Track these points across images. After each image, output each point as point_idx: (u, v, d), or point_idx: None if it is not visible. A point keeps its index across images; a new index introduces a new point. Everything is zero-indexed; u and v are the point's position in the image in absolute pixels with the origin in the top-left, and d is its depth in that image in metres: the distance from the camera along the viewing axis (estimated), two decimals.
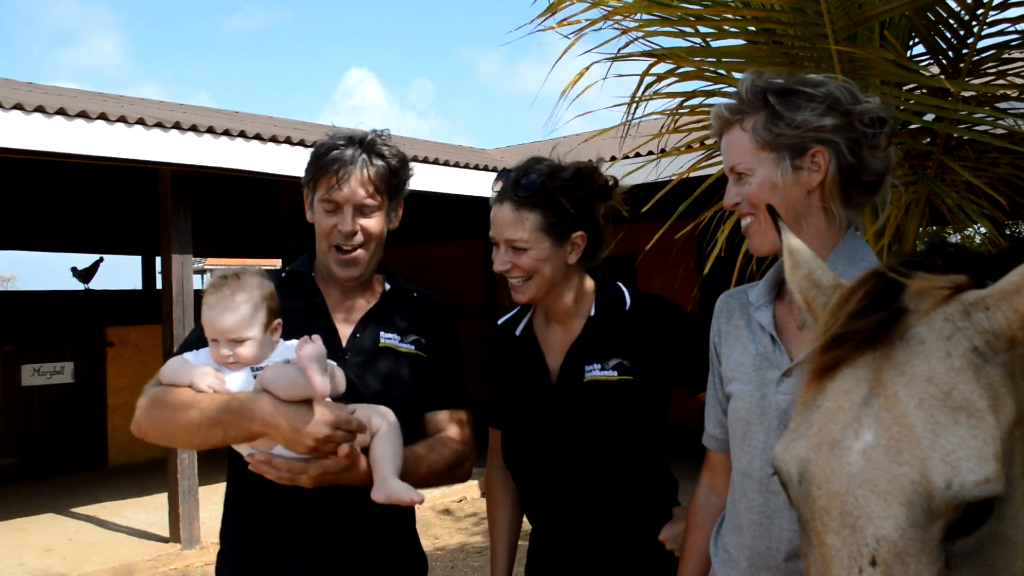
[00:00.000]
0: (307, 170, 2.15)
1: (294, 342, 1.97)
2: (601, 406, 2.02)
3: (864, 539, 0.92)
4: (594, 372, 2.04)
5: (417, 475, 2.04)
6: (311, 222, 2.18)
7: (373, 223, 2.12)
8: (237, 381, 1.94)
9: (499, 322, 2.27)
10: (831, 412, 1.00)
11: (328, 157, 2.09)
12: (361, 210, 2.09)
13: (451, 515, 8.24)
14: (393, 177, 2.15)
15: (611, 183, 2.12)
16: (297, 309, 2.11)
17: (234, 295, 1.95)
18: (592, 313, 2.09)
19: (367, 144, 2.12)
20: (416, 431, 2.16)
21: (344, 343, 2.13)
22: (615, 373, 2.03)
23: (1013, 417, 0.95)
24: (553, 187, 2.01)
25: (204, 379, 1.91)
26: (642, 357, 2.04)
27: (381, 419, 1.98)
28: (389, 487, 1.88)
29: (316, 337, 1.88)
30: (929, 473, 0.90)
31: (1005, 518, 0.94)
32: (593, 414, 2.01)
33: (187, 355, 2.02)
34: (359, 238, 2.10)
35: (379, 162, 2.11)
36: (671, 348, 2.03)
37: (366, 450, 1.96)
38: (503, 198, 2.04)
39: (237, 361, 1.95)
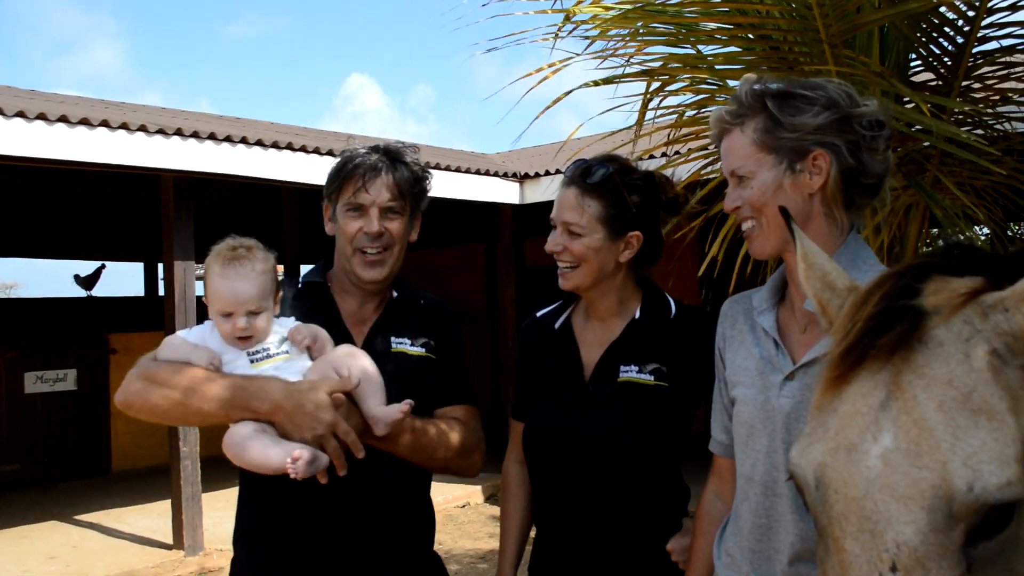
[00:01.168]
0: (329, 180, 2.19)
1: (290, 320, 2.05)
2: (632, 407, 2.01)
3: (884, 544, 0.90)
4: (630, 373, 2.04)
5: (428, 444, 2.06)
6: (331, 234, 2.21)
7: (397, 226, 2.15)
8: (293, 373, 1.97)
9: (537, 314, 2.29)
10: (848, 415, 0.99)
11: (353, 163, 2.13)
12: (386, 213, 2.12)
13: (455, 520, 8.22)
14: (416, 184, 2.19)
15: (681, 200, 2.16)
16: (315, 318, 2.13)
17: (253, 264, 1.96)
18: (636, 316, 2.10)
19: (391, 151, 2.17)
20: None
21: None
22: (651, 377, 2.02)
23: None
24: (621, 182, 2.05)
25: (202, 359, 1.93)
26: (680, 366, 2.05)
27: (352, 361, 1.99)
28: (380, 419, 1.93)
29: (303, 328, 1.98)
30: (950, 477, 0.89)
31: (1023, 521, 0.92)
32: (623, 414, 2.01)
33: (182, 333, 2.03)
34: (385, 240, 2.12)
35: (403, 168, 2.16)
36: (710, 362, 2.01)
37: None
38: (571, 183, 2.09)
39: (253, 335, 1.95)
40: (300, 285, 2.21)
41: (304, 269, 8.86)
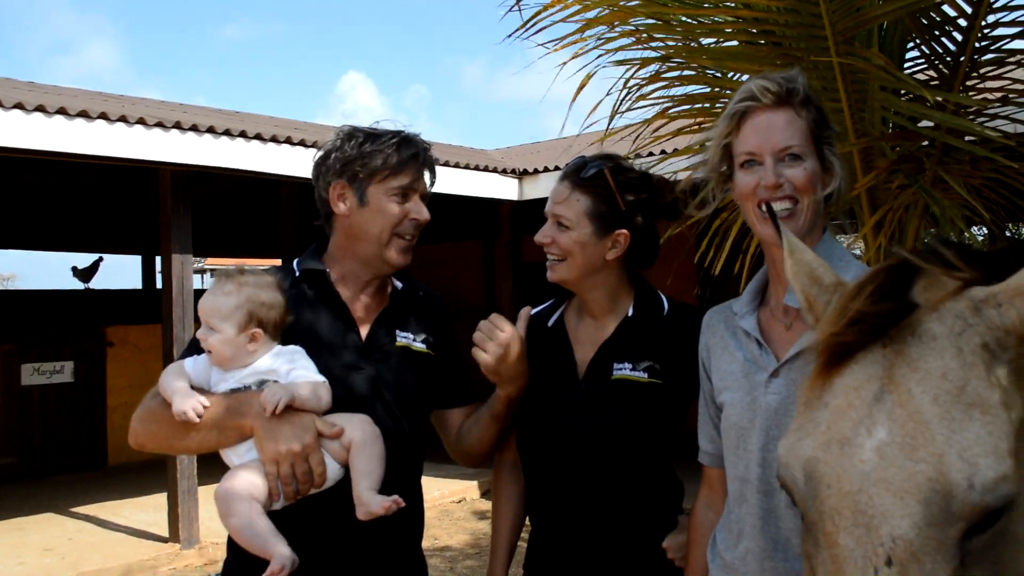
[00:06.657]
0: (367, 160, 2.09)
1: (281, 350, 2.00)
2: (626, 405, 2.01)
3: (879, 538, 0.90)
4: (624, 371, 2.04)
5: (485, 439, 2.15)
6: (344, 215, 2.11)
7: (427, 214, 2.17)
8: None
9: (531, 312, 2.27)
10: (840, 410, 0.99)
11: (408, 150, 2.10)
12: (423, 200, 2.16)
13: (450, 515, 8.24)
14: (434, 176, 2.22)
15: (681, 204, 2.16)
16: (317, 308, 2.10)
17: (223, 285, 2.01)
18: (629, 314, 2.10)
19: (420, 142, 2.18)
20: (423, 429, 2.17)
21: (363, 341, 2.12)
22: (645, 375, 2.03)
23: (1022, 414, 0.94)
24: (613, 180, 2.06)
25: (183, 403, 1.92)
26: (673, 363, 2.05)
27: (355, 430, 1.96)
28: (364, 505, 1.90)
29: (275, 392, 1.90)
30: (947, 470, 0.89)
31: (1013, 515, 0.93)
32: (618, 412, 2.01)
33: (187, 362, 2.03)
34: (420, 227, 2.15)
35: (431, 158, 2.19)
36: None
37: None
38: (565, 177, 2.11)
39: (209, 349, 2.00)
40: (298, 273, 2.15)
41: None
